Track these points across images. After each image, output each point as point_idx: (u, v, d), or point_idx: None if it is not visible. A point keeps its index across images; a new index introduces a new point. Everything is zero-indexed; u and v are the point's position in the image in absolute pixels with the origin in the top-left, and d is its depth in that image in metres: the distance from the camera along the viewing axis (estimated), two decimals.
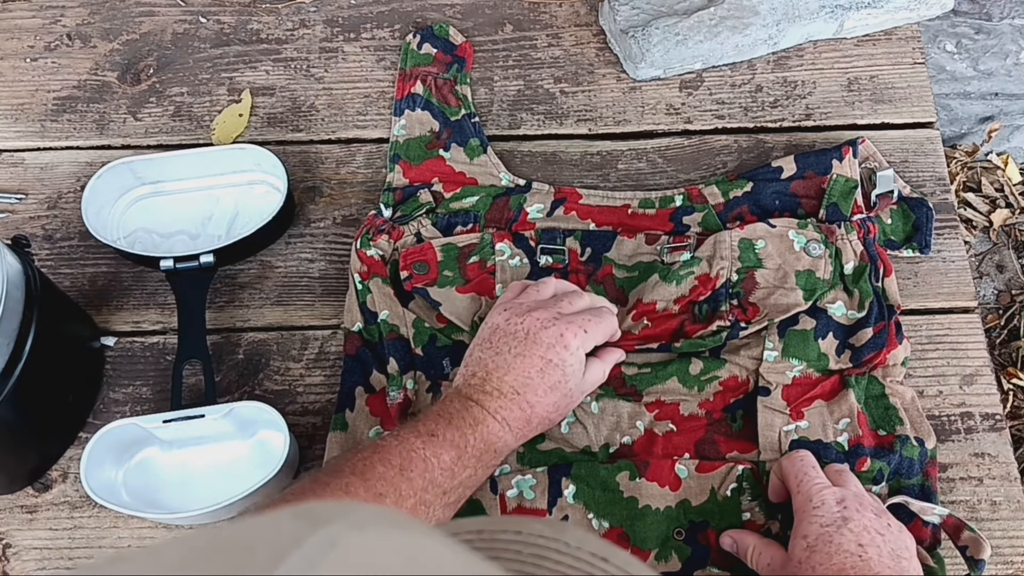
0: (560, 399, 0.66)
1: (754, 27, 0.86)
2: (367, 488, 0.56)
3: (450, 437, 0.61)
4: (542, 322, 0.65)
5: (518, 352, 0.65)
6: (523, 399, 0.64)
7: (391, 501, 0.56)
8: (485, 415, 0.63)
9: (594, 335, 0.67)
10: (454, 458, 0.61)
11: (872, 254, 0.75)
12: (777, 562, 0.62)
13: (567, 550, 0.31)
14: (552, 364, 0.65)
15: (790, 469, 0.65)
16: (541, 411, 0.65)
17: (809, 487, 0.63)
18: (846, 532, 0.59)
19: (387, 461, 0.59)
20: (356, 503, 0.26)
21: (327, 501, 0.50)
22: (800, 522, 0.61)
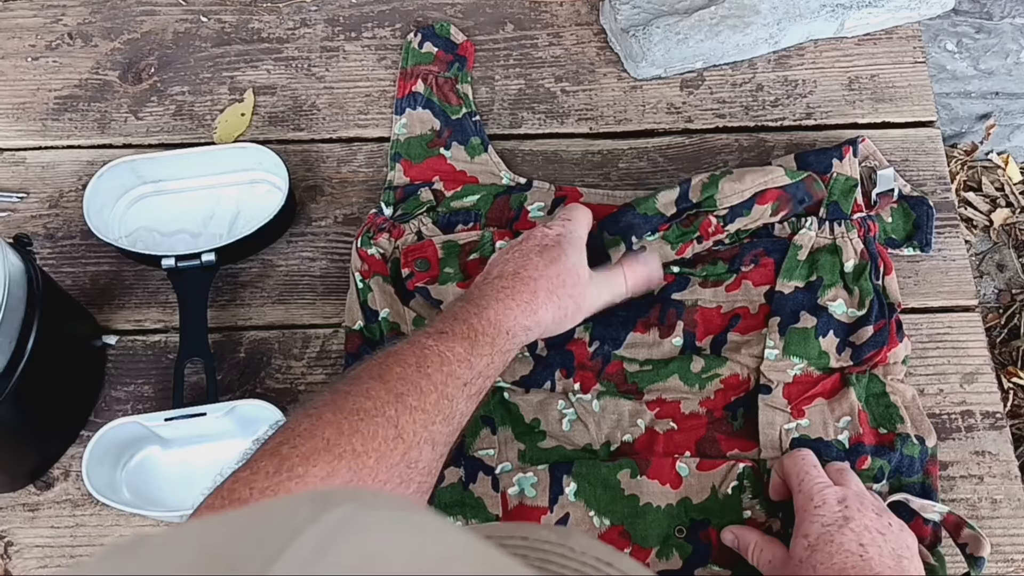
0: (563, 272, 0.66)
1: (755, 26, 0.86)
2: (388, 390, 0.57)
3: (459, 330, 0.61)
4: (529, 232, 0.69)
5: (514, 250, 0.68)
6: (524, 276, 0.65)
7: (413, 399, 0.57)
8: (488, 300, 0.64)
9: (577, 221, 0.70)
10: (467, 348, 0.61)
11: (872, 252, 0.75)
12: (778, 560, 0.62)
13: (572, 555, 0.31)
14: (547, 246, 0.67)
15: (791, 468, 0.65)
16: (545, 284, 0.65)
17: (810, 486, 0.63)
18: (847, 531, 0.59)
19: (403, 361, 0.59)
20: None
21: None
22: (801, 521, 0.61)
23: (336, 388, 0.58)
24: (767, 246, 0.76)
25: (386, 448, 0.54)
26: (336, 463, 0.52)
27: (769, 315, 0.74)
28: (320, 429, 0.54)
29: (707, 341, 0.74)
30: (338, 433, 0.54)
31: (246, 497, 0.50)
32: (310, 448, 0.53)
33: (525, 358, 0.74)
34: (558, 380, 0.73)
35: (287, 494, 0.50)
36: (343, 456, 0.53)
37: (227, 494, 0.51)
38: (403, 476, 0.55)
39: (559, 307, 0.66)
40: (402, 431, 0.55)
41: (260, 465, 0.52)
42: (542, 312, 0.65)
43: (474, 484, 0.68)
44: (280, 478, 0.51)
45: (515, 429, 0.71)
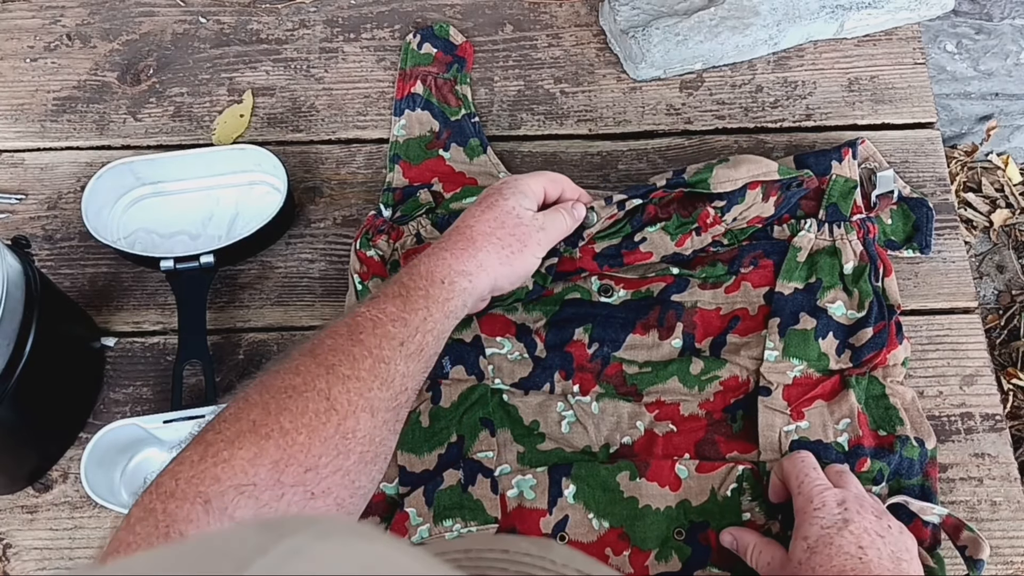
0: (500, 214, 0.66)
1: (754, 27, 0.86)
2: (318, 363, 0.55)
3: (391, 291, 0.61)
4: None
5: (470, 211, 0.67)
6: (460, 225, 0.65)
7: (346, 368, 0.55)
8: (420, 257, 0.63)
9: (532, 175, 0.70)
10: (399, 307, 0.60)
11: (872, 254, 0.75)
12: (777, 562, 0.62)
13: (553, 568, 0.31)
14: (487, 196, 0.67)
15: (791, 470, 0.65)
16: (482, 228, 0.65)
17: (810, 488, 0.63)
18: (846, 534, 0.59)
19: (334, 333, 0.58)
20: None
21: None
22: (801, 523, 0.61)
23: (267, 369, 0.57)
24: (766, 248, 0.76)
25: (318, 422, 0.53)
26: (263, 443, 0.51)
27: (768, 316, 0.73)
28: (246, 411, 0.53)
29: (706, 343, 0.74)
30: (265, 413, 0.53)
31: (172, 489, 0.50)
32: (235, 431, 0.52)
33: (524, 360, 0.73)
34: (557, 382, 0.73)
35: (214, 480, 0.50)
36: (270, 436, 0.52)
37: (155, 488, 0.50)
38: (340, 447, 0.54)
39: (501, 246, 0.65)
40: (334, 402, 0.54)
41: (186, 455, 0.52)
42: (482, 254, 0.64)
43: (473, 486, 0.68)
44: (205, 465, 0.50)
45: (514, 431, 0.71)
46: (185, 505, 0.49)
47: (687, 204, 0.74)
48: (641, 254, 0.74)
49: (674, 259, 0.76)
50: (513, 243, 0.66)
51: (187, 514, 0.49)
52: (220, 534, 0.27)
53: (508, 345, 0.74)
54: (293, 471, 0.52)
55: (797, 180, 0.75)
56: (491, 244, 0.65)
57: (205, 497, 0.49)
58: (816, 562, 0.58)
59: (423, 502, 0.68)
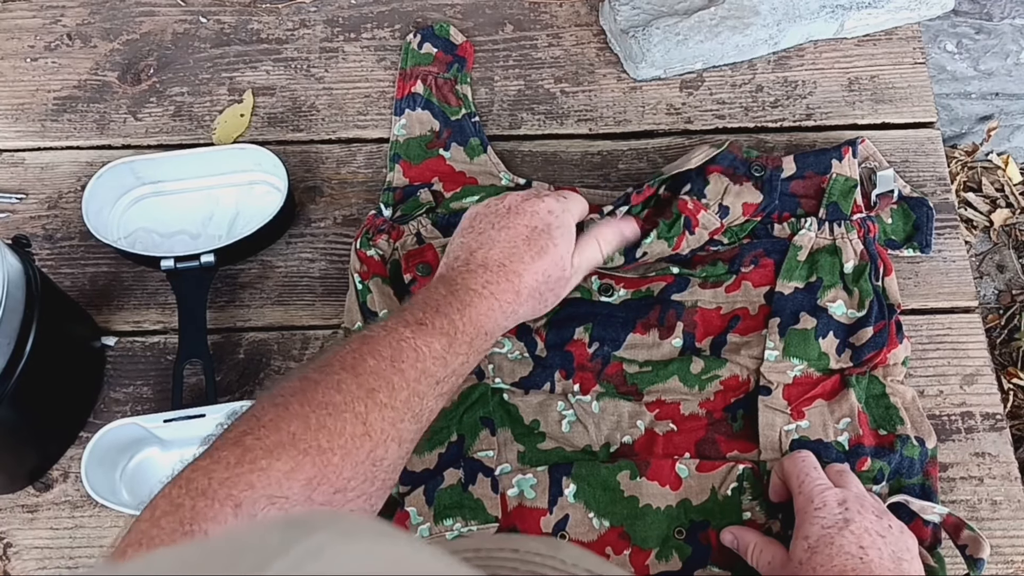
0: (550, 267, 0.64)
1: (755, 27, 0.86)
2: (359, 384, 0.55)
3: (439, 325, 0.59)
4: (523, 197, 0.66)
5: (501, 227, 0.64)
6: (510, 270, 0.63)
7: (384, 396, 0.55)
8: (471, 296, 0.61)
9: (573, 203, 0.68)
10: (445, 346, 0.59)
11: (872, 253, 0.75)
12: (778, 561, 0.62)
13: (563, 567, 0.31)
14: (537, 231, 0.64)
15: (791, 469, 0.65)
16: (530, 280, 0.63)
17: (811, 488, 0.63)
18: (847, 534, 0.59)
19: (377, 353, 0.57)
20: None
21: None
22: (801, 523, 0.61)
23: (306, 376, 0.56)
24: (767, 247, 0.76)
25: (352, 446, 0.53)
26: (301, 458, 0.51)
27: (769, 316, 0.73)
28: (286, 422, 0.52)
29: (707, 342, 0.74)
30: (304, 427, 0.52)
31: (204, 487, 0.49)
32: (275, 441, 0.51)
33: (524, 359, 0.73)
34: (558, 381, 0.73)
35: (248, 486, 0.49)
36: (308, 452, 0.51)
37: (185, 483, 0.50)
38: (368, 474, 0.54)
39: (539, 303, 0.65)
40: (370, 428, 0.54)
41: (222, 455, 0.51)
42: (523, 311, 0.64)
43: (473, 485, 0.68)
44: (241, 470, 0.50)
45: (515, 430, 0.71)
46: (215, 505, 0.48)
47: (663, 208, 0.75)
48: (641, 262, 0.75)
49: (673, 259, 0.76)
50: (550, 298, 0.66)
51: (215, 515, 0.48)
52: (244, 531, 0.27)
53: (508, 344, 0.74)
54: (324, 490, 0.52)
55: (755, 165, 0.76)
56: (532, 300, 0.64)
57: (237, 501, 0.49)
58: (817, 562, 0.58)
59: (423, 501, 0.68)
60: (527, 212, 0.65)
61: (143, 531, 0.48)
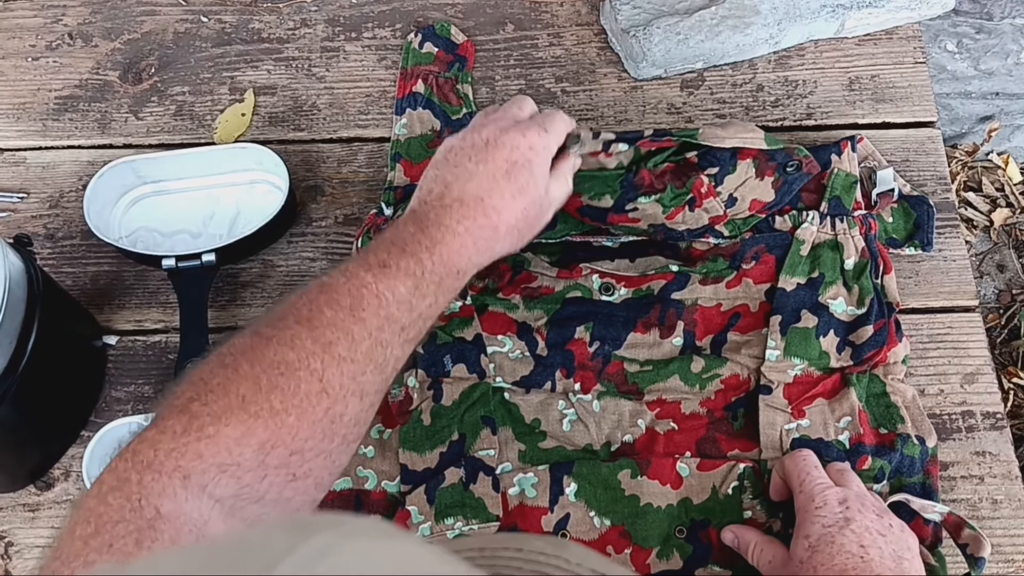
0: (529, 205, 0.61)
1: (755, 26, 0.86)
2: (315, 338, 0.52)
3: (404, 266, 0.55)
4: (502, 128, 0.62)
5: (480, 160, 0.60)
6: (488, 205, 0.59)
7: (343, 348, 0.52)
8: (443, 232, 0.57)
9: (554, 132, 0.64)
10: (410, 288, 0.55)
11: (873, 251, 0.75)
12: (778, 560, 0.62)
13: (568, 567, 0.31)
14: (518, 165, 0.60)
15: (792, 468, 0.65)
16: (509, 218, 0.60)
17: (811, 487, 0.63)
18: (848, 533, 0.59)
19: (335, 303, 0.53)
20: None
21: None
22: (802, 522, 0.61)
23: (258, 331, 0.53)
24: (768, 241, 0.76)
25: (308, 404, 0.50)
26: (251, 422, 0.49)
27: (770, 313, 0.73)
28: (235, 384, 0.50)
29: (707, 340, 0.74)
30: (255, 389, 0.49)
31: (150, 460, 0.47)
32: (223, 406, 0.49)
33: (525, 358, 0.74)
34: (558, 380, 0.73)
35: (196, 456, 0.47)
36: (259, 415, 0.49)
37: (131, 456, 0.47)
38: (326, 431, 0.51)
39: (517, 240, 0.62)
40: (327, 385, 0.51)
41: (167, 424, 0.48)
42: (499, 246, 0.61)
43: (474, 484, 0.68)
44: (188, 439, 0.47)
45: (515, 429, 0.71)
46: (162, 479, 0.46)
47: (681, 174, 0.72)
48: (628, 219, 0.73)
49: (669, 238, 0.75)
50: (527, 233, 0.62)
51: (163, 488, 0.46)
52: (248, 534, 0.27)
53: (509, 343, 0.74)
54: (279, 453, 0.50)
55: (793, 162, 0.74)
56: (511, 238, 0.61)
57: (185, 472, 0.47)
58: (818, 561, 0.58)
59: (424, 500, 0.68)
60: (507, 146, 0.61)
61: (91, 508, 0.46)
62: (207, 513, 0.47)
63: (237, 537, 0.27)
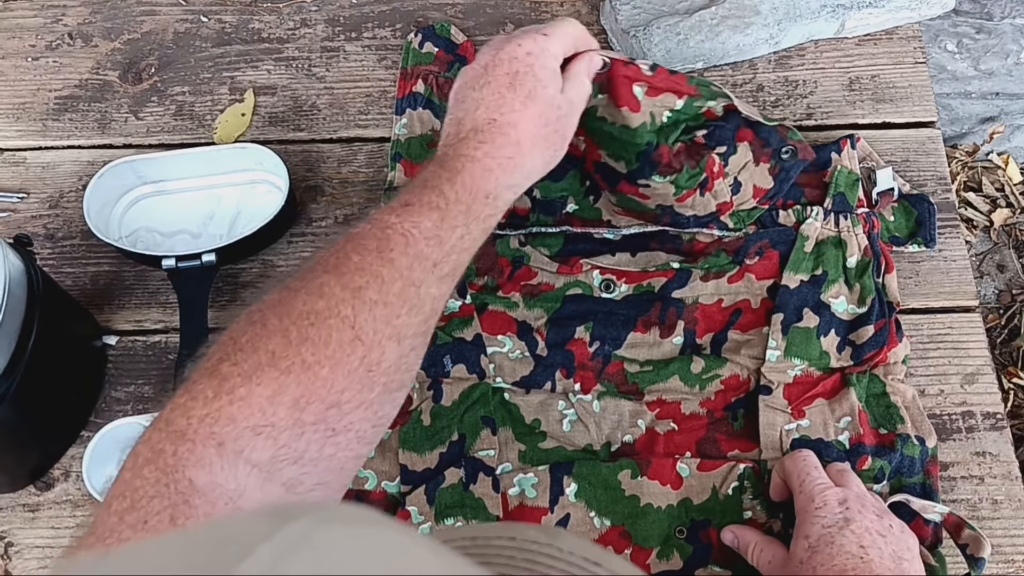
0: (545, 110, 0.59)
1: (755, 27, 0.86)
2: (343, 284, 0.50)
3: (427, 200, 0.54)
4: (498, 46, 0.60)
5: (482, 84, 0.59)
6: (501, 123, 0.57)
7: (373, 292, 0.50)
8: (463, 162, 0.56)
9: (556, 36, 0.61)
10: (436, 221, 0.53)
11: (876, 250, 0.75)
12: (778, 560, 0.62)
13: (560, 555, 0.30)
14: (520, 75, 0.58)
15: (792, 469, 0.65)
16: (528, 127, 0.58)
17: (811, 487, 0.63)
18: (848, 533, 0.59)
19: (362, 248, 0.52)
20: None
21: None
22: (802, 522, 0.61)
23: (287, 286, 0.51)
24: (772, 237, 0.76)
25: (342, 354, 0.48)
26: (283, 379, 0.47)
27: (772, 311, 0.73)
28: (264, 340, 0.48)
29: (707, 339, 0.74)
30: (285, 343, 0.47)
31: (183, 428, 0.45)
32: (253, 364, 0.47)
33: (525, 358, 0.74)
34: (558, 380, 0.73)
35: (229, 420, 0.46)
36: (291, 370, 0.47)
37: (164, 426, 0.46)
38: (364, 381, 0.49)
39: (548, 148, 0.59)
40: (360, 331, 0.49)
41: (198, 388, 0.47)
42: (529, 162, 0.59)
43: (475, 485, 0.68)
44: (220, 403, 0.46)
45: (515, 430, 0.71)
46: (197, 448, 0.45)
47: (694, 153, 0.71)
48: (639, 193, 0.71)
49: (675, 223, 0.75)
50: (557, 140, 0.59)
51: (199, 458, 0.45)
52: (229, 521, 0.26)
53: (509, 344, 0.74)
54: (315, 408, 0.47)
55: (788, 147, 0.73)
56: (538, 148, 0.58)
57: (219, 439, 0.45)
58: (817, 561, 0.58)
59: (424, 501, 0.68)
60: (504, 60, 0.59)
61: (127, 482, 0.44)
62: (243, 481, 0.45)
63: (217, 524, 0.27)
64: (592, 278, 0.76)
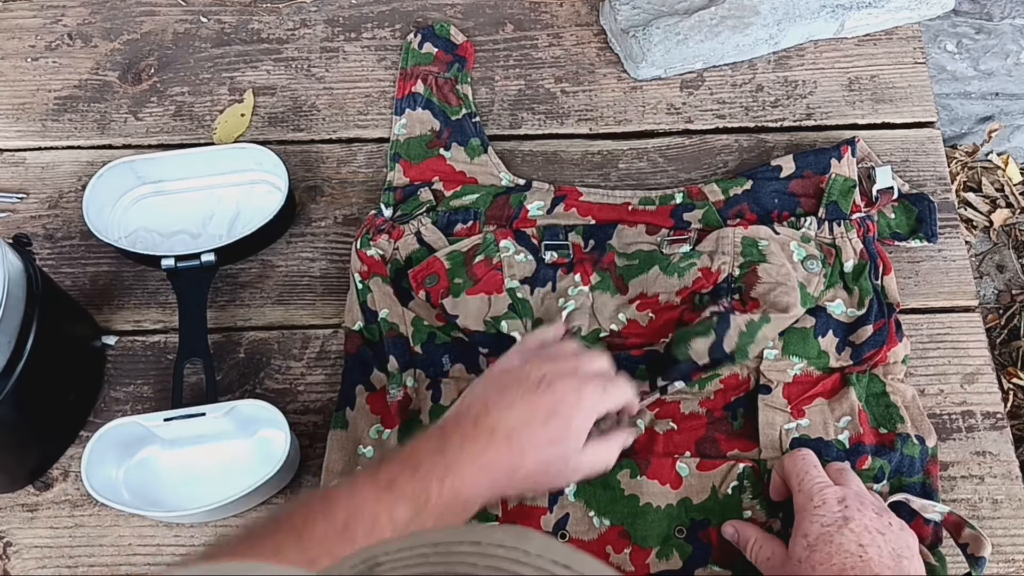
0: (555, 459, 0.59)
1: (755, 27, 0.86)
2: (301, 551, 0.50)
3: (410, 490, 0.54)
4: (561, 372, 0.61)
5: (525, 393, 0.60)
6: (515, 442, 0.58)
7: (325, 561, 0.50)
8: (462, 462, 0.56)
9: (612, 397, 0.63)
10: (411, 514, 0.53)
11: (872, 252, 0.75)
12: (777, 558, 0.62)
13: (526, 559, 0.30)
14: (558, 415, 0.59)
15: (791, 468, 0.65)
16: (531, 463, 0.58)
17: (810, 486, 0.63)
18: (847, 532, 0.59)
19: (331, 516, 0.52)
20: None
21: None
22: (801, 521, 0.61)
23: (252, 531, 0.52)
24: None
25: None
26: None
27: None
28: None
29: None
30: None
31: None
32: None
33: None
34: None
35: None
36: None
37: None
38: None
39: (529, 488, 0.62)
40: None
41: None
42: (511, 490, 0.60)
43: None
44: None
45: None
46: None
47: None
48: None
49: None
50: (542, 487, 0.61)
51: None
52: None
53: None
54: None
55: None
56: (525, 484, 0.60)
57: None
58: (816, 559, 0.58)
59: None
60: (556, 393, 0.60)
61: None
62: None
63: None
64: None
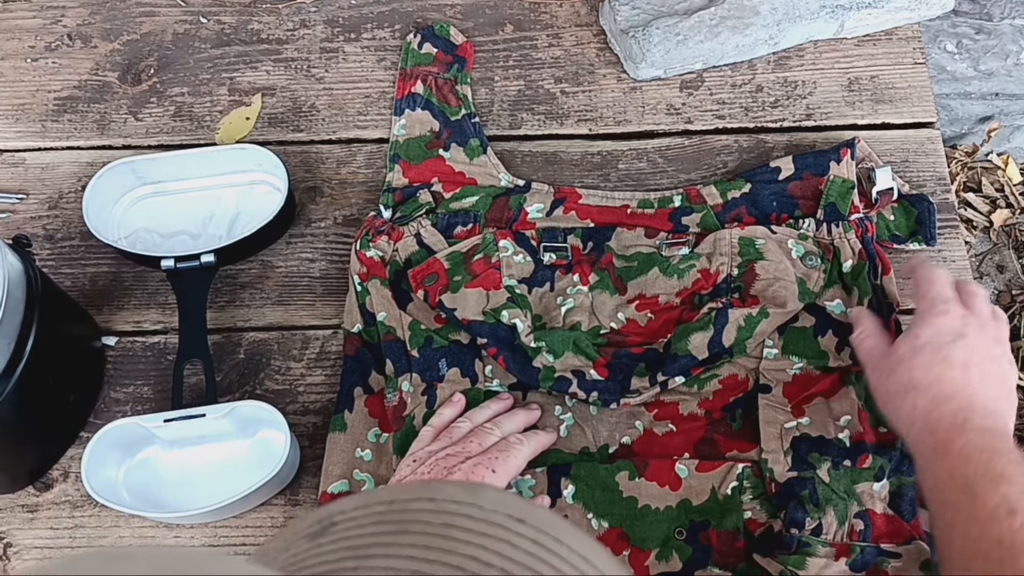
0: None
1: (755, 27, 0.86)
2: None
3: None
4: (447, 470, 0.63)
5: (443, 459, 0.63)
6: None
7: None
8: None
9: (503, 472, 0.64)
10: None
11: (870, 252, 0.75)
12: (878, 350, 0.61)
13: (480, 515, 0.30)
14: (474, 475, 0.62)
15: (923, 273, 0.64)
16: None
17: (938, 292, 0.62)
18: (959, 345, 0.58)
19: None
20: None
21: None
22: (917, 322, 0.60)
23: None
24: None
25: None
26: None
27: None
28: None
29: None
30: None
31: None
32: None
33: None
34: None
35: None
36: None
37: None
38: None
39: None
40: None
41: None
42: None
43: None
44: None
45: None
46: None
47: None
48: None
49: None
50: None
51: None
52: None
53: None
54: None
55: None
56: None
57: None
58: (918, 362, 0.57)
59: None
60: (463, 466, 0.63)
61: None
62: None
63: None
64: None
